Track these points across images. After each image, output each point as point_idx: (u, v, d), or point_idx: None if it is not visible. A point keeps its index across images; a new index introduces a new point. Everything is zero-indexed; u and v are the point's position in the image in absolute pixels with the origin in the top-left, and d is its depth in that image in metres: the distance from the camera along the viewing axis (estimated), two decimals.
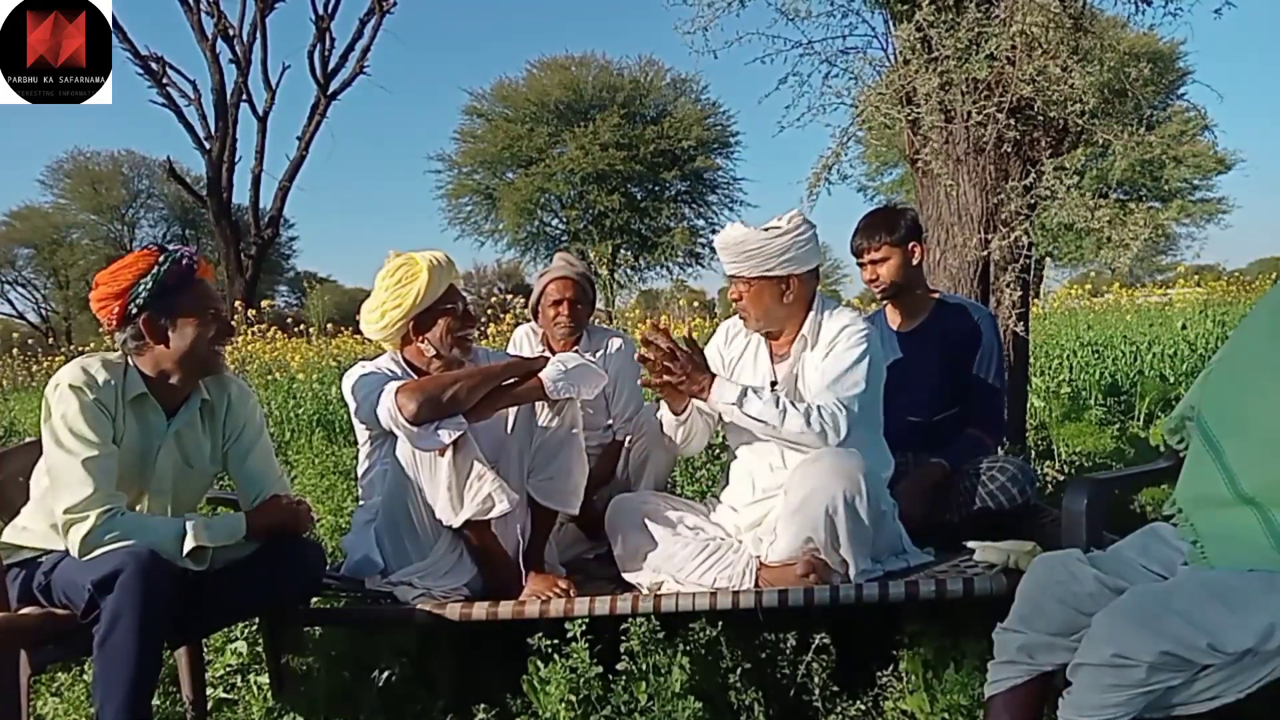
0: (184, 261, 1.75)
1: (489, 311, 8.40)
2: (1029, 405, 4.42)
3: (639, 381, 2.06)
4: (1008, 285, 3.18)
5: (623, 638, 1.82)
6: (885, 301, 2.63)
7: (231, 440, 1.93)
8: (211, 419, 1.90)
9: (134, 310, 1.71)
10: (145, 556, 1.56)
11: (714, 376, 2.02)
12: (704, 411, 2.16)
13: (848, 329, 2.05)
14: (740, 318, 2.18)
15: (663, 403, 2.19)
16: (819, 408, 1.94)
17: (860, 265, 2.56)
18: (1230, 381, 1.52)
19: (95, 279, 1.77)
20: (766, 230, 2.03)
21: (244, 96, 16.06)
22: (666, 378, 2.01)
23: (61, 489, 1.62)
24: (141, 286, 1.70)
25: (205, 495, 2.03)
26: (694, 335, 2.08)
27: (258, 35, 15.73)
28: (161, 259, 1.73)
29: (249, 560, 1.83)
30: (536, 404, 2.10)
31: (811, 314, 2.11)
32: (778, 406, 1.94)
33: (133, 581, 1.51)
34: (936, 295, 2.61)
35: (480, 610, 1.93)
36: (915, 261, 2.51)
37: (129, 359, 1.78)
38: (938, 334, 2.52)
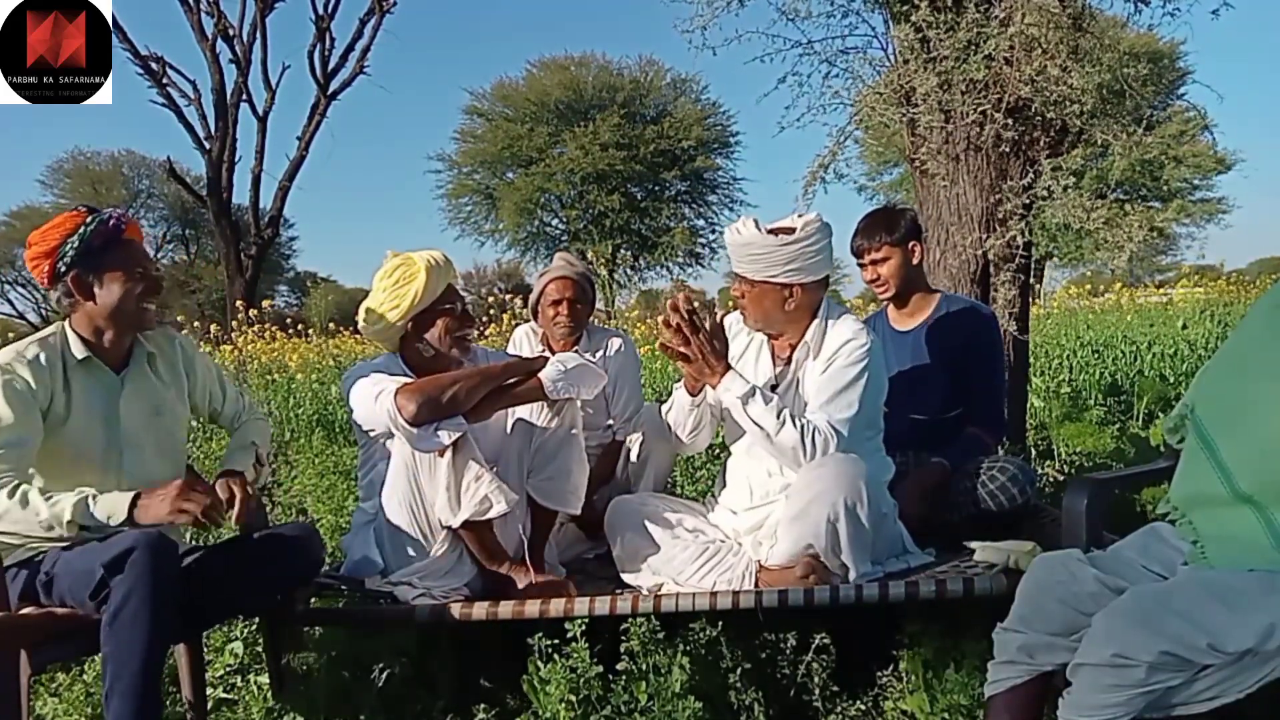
0: (110, 222, 1.79)
1: (490, 311, 8.39)
2: (1029, 405, 4.42)
3: (659, 346, 2.05)
4: (1004, 284, 3.19)
5: (623, 638, 1.82)
6: (887, 302, 2.62)
7: (194, 387, 2.00)
8: (167, 368, 1.96)
9: (62, 268, 1.76)
10: (155, 536, 1.59)
11: (729, 367, 1.99)
12: (712, 405, 2.14)
13: (849, 344, 1.99)
14: (740, 315, 2.17)
15: (677, 386, 2.17)
16: (814, 429, 1.92)
17: (861, 265, 2.56)
18: (1226, 379, 1.52)
19: (28, 239, 1.82)
20: (777, 235, 1.98)
21: (244, 96, 16.06)
22: (683, 349, 1.98)
23: None
24: (69, 245, 1.76)
25: (184, 442, 2.04)
26: (722, 324, 2.06)
27: (258, 35, 15.72)
28: (89, 219, 1.78)
29: (248, 548, 1.86)
30: (536, 404, 2.10)
31: (816, 321, 2.06)
32: (778, 417, 1.92)
33: (143, 558, 1.54)
34: (938, 295, 2.61)
35: (480, 610, 1.93)
36: (915, 261, 2.51)
37: (67, 327, 1.82)
38: (940, 334, 2.52)
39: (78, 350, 1.79)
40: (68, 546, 1.67)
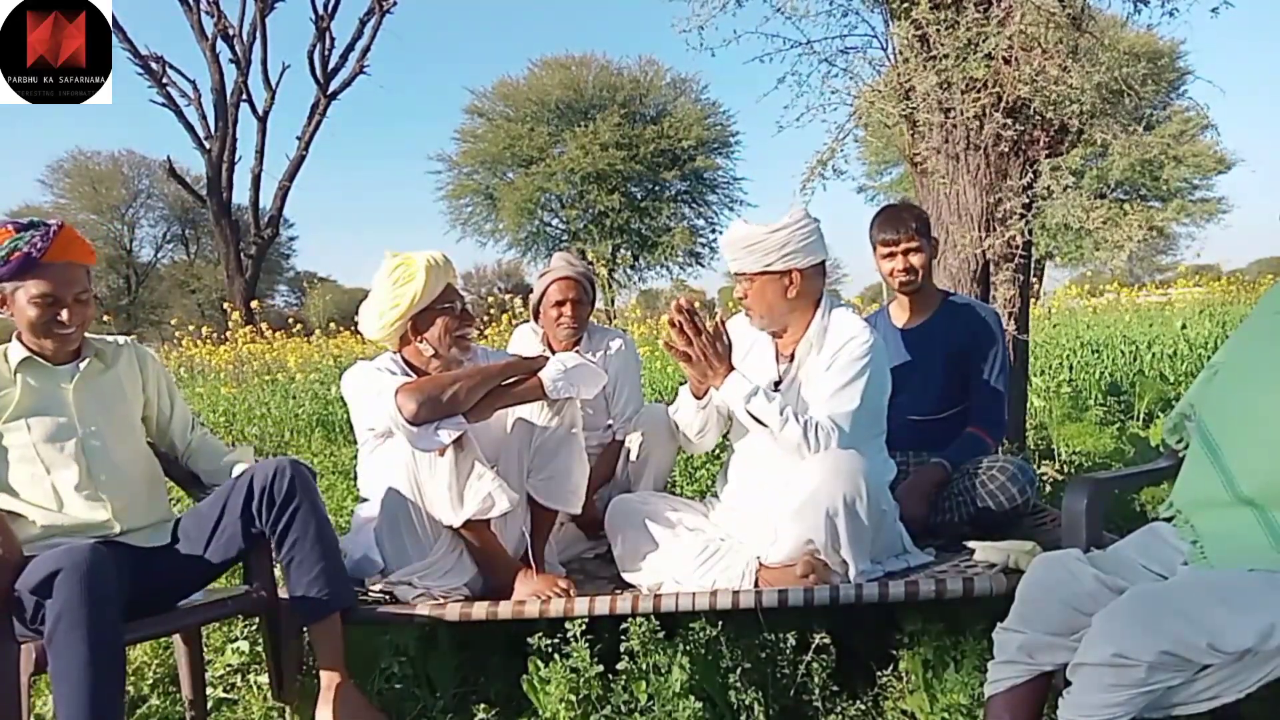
0: (26, 253, 1.76)
1: (490, 311, 8.40)
2: (1029, 405, 4.42)
3: (663, 344, 2.07)
4: (1004, 284, 3.19)
5: (623, 638, 1.82)
6: (895, 298, 2.62)
7: (146, 380, 2.03)
8: (116, 361, 1.98)
9: None
10: (82, 552, 1.57)
11: (732, 368, 2.01)
12: (718, 406, 2.15)
13: (853, 341, 2.01)
14: (746, 315, 2.17)
15: (683, 388, 2.19)
16: (816, 425, 1.94)
17: (888, 256, 2.50)
18: (1229, 384, 1.52)
19: None
20: (767, 225, 2.03)
21: (244, 96, 16.07)
22: (686, 350, 2.01)
23: None
24: None
25: (145, 434, 2.05)
26: (724, 326, 2.08)
27: (258, 35, 15.74)
28: (8, 241, 1.77)
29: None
30: (536, 404, 2.10)
31: (818, 315, 2.09)
32: (781, 415, 1.94)
33: (69, 578, 1.52)
34: (941, 294, 2.61)
35: (480, 610, 1.92)
36: (935, 257, 2.51)
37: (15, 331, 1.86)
38: (943, 332, 2.52)
39: (18, 353, 1.83)
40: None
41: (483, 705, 1.83)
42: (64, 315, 1.82)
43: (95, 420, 1.89)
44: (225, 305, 9.76)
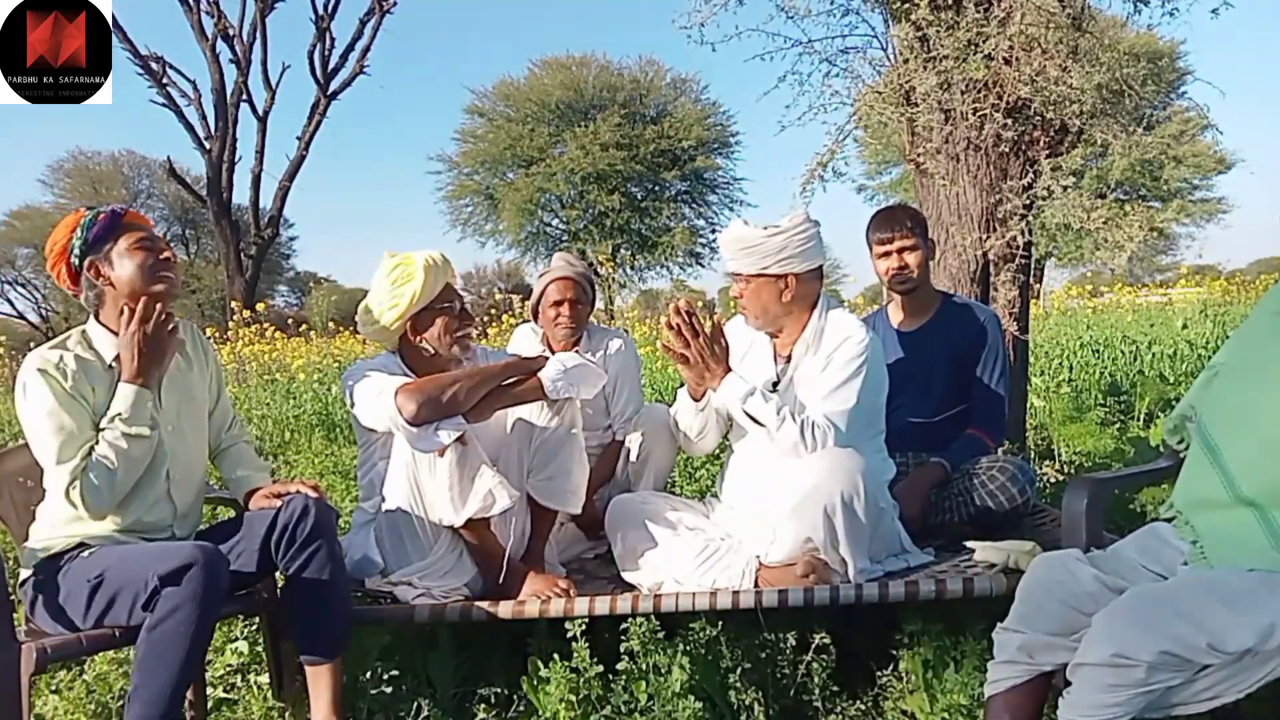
0: (109, 209, 1.84)
1: (492, 311, 8.40)
2: (1029, 405, 4.42)
3: (661, 346, 2.07)
4: (1004, 284, 3.19)
5: (623, 638, 1.82)
6: (892, 299, 2.62)
7: (208, 371, 2.03)
8: (193, 349, 1.99)
9: (76, 263, 1.80)
10: (213, 551, 1.63)
11: (729, 370, 2.02)
12: (717, 408, 2.15)
13: (849, 340, 2.02)
14: (741, 315, 2.18)
15: (681, 390, 2.19)
16: (813, 424, 1.95)
17: (884, 255, 2.49)
18: (1229, 385, 1.52)
19: (46, 250, 1.86)
20: (766, 228, 2.03)
21: (244, 96, 16.07)
22: (684, 351, 2.01)
23: (47, 478, 1.72)
24: (75, 240, 1.80)
25: (209, 440, 2.05)
26: (721, 327, 2.08)
27: (258, 35, 15.74)
28: (89, 213, 1.83)
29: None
30: (536, 404, 2.10)
31: (815, 316, 2.09)
32: (778, 414, 1.95)
33: (200, 574, 1.58)
34: (940, 295, 2.61)
35: (480, 610, 1.93)
36: (932, 258, 2.51)
37: (91, 328, 1.84)
38: (942, 333, 2.52)
39: (109, 348, 1.81)
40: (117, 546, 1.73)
41: (483, 705, 1.83)
42: (167, 254, 1.85)
43: (175, 420, 1.89)
44: (233, 304, 9.75)
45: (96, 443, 1.73)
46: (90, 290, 1.82)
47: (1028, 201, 3.08)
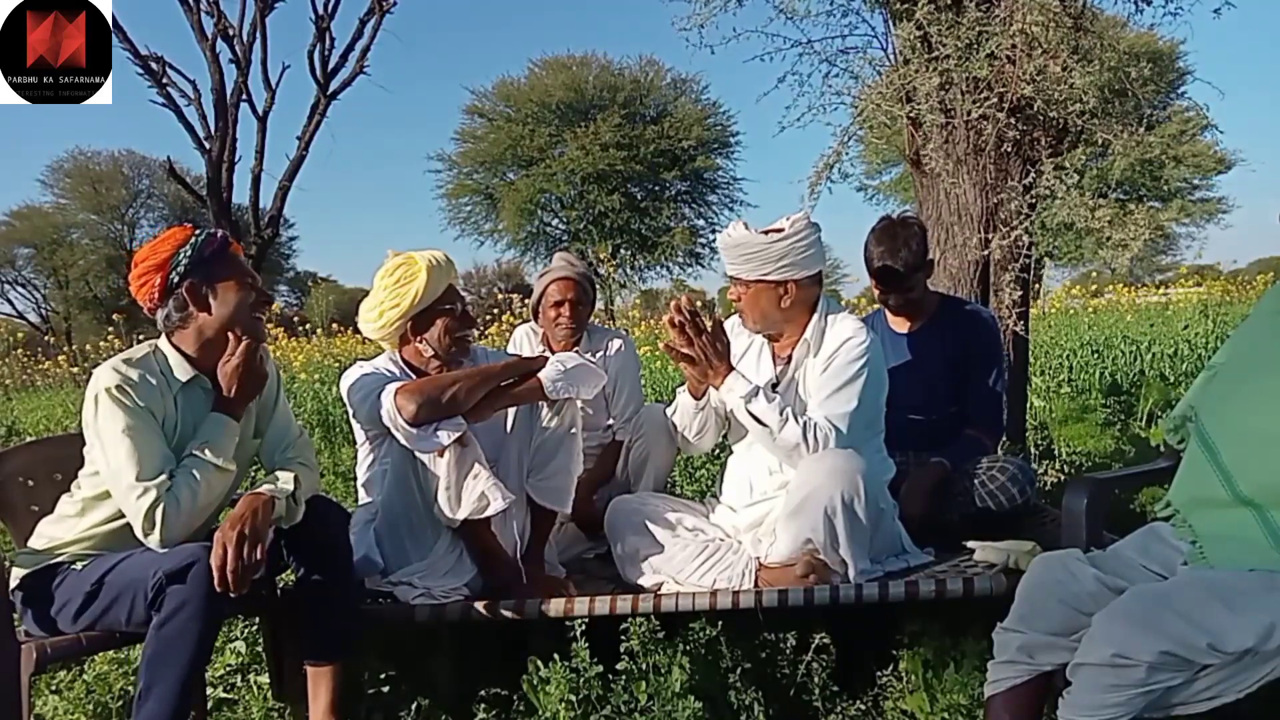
0: (219, 235, 1.80)
1: (493, 311, 8.39)
2: (1029, 405, 4.42)
3: (663, 345, 2.06)
4: (1007, 285, 3.18)
5: (623, 638, 1.82)
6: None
7: (268, 402, 1.94)
8: (270, 385, 1.93)
9: (175, 279, 1.73)
10: None
11: (731, 368, 2.01)
12: (716, 407, 2.15)
13: (850, 341, 2.01)
14: (739, 317, 2.17)
15: (680, 389, 2.18)
16: (815, 425, 1.94)
17: (883, 290, 2.48)
18: (1228, 384, 1.52)
19: (134, 258, 1.78)
20: (767, 234, 2.01)
21: (244, 96, 16.00)
22: (686, 350, 2.00)
23: (120, 494, 1.65)
24: (182, 255, 1.73)
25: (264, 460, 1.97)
26: (721, 324, 2.08)
27: (258, 35, 15.68)
28: (198, 232, 1.77)
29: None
30: (536, 404, 2.10)
31: (815, 318, 2.08)
32: (780, 415, 1.94)
33: (205, 571, 1.56)
34: (938, 297, 2.60)
35: (480, 610, 1.93)
36: (929, 275, 2.52)
37: (165, 346, 1.77)
38: (941, 335, 2.52)
39: (181, 371, 1.75)
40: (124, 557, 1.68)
41: (483, 705, 1.83)
42: (265, 298, 1.82)
43: (238, 452, 1.81)
44: None
45: (177, 466, 1.68)
46: (178, 311, 1.75)
47: (1030, 201, 3.08)
